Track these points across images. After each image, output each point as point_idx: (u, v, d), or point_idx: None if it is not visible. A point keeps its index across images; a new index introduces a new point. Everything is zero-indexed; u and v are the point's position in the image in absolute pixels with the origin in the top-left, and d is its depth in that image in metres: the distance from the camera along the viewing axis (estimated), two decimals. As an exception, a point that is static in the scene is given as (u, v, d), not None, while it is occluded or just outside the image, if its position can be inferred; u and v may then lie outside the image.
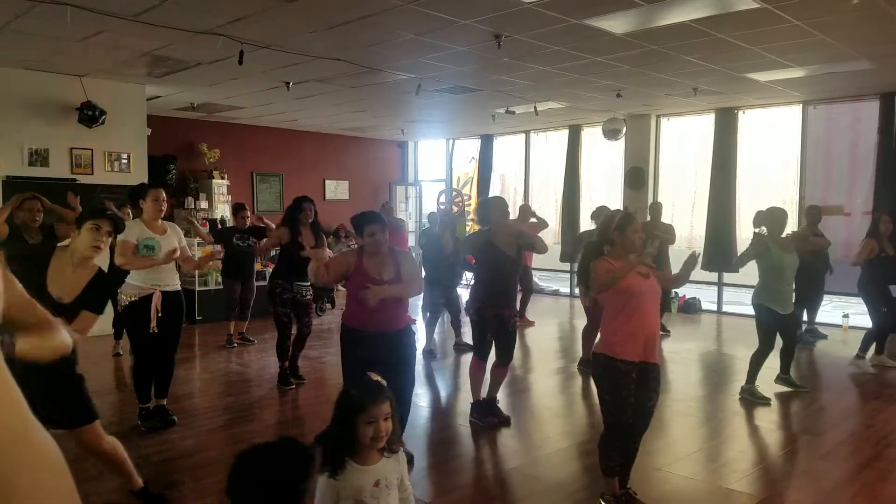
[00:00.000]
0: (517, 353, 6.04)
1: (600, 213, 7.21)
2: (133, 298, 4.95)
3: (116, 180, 8.68)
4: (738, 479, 4.18)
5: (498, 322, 5.17)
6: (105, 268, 3.82)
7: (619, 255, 3.65)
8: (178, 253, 5.09)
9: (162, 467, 4.35)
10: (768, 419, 5.52)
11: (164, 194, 5.20)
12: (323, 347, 8.01)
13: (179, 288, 5.25)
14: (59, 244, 4.28)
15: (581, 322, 7.88)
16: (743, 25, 5.95)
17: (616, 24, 5.97)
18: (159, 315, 4.96)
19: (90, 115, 8.17)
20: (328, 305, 10.76)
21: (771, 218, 5.89)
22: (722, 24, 5.89)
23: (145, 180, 9.06)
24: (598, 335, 3.82)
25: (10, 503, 0.57)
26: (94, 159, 8.56)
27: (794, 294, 6.06)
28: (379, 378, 2.38)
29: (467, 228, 12.73)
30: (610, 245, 3.71)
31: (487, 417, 5.21)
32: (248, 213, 8.01)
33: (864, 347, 7.02)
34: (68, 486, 0.64)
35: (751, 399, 5.85)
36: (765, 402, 5.79)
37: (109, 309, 3.68)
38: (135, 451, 4.12)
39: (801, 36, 6.21)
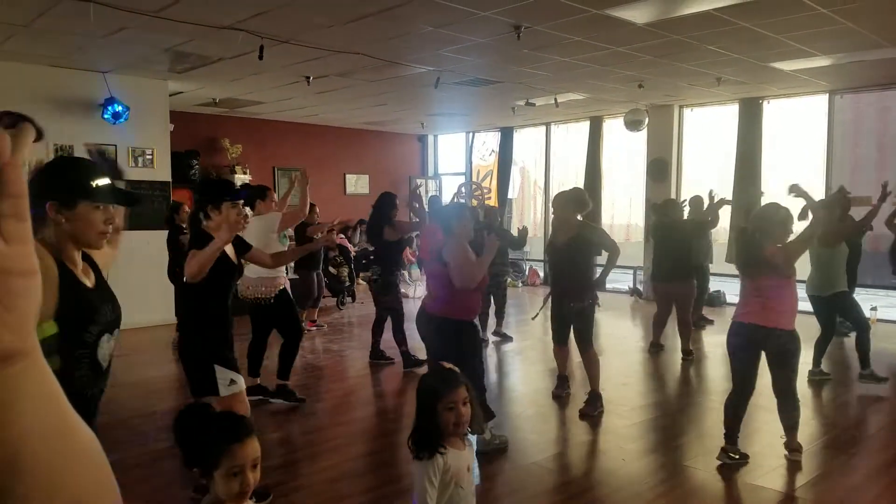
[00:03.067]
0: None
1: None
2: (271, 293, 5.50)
3: (140, 176, 8.76)
4: (763, 475, 4.13)
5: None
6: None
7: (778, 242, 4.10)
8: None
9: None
10: (794, 413, 5.44)
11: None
12: (343, 341, 8.03)
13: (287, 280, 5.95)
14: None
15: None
16: (767, 14, 5.85)
17: (637, 13, 5.90)
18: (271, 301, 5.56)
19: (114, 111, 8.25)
20: (349, 300, 10.79)
21: (826, 205, 6.20)
22: (746, 12, 5.80)
23: (169, 177, 9.18)
24: (772, 313, 4.12)
25: (54, 498, 0.56)
26: (118, 155, 8.64)
27: None
28: (452, 366, 2.48)
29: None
30: (760, 233, 4.11)
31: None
32: (318, 211, 8.30)
33: None
34: (110, 480, 0.62)
35: (816, 379, 6.32)
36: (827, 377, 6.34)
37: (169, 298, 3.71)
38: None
39: (826, 24, 6.09)
